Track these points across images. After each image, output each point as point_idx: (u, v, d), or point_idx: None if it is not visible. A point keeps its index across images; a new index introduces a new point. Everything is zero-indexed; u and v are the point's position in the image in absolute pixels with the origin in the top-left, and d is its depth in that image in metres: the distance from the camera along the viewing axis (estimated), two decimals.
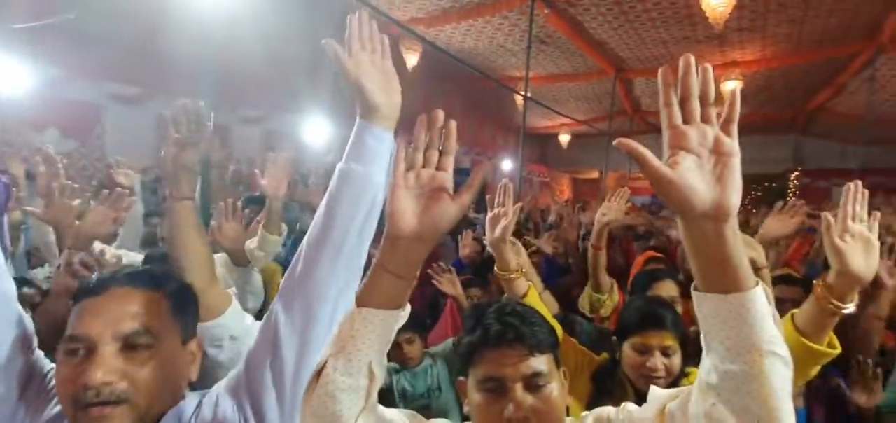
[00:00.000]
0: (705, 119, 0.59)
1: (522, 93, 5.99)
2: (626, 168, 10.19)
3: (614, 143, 0.62)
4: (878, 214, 1.10)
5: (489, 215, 1.51)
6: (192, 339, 0.88)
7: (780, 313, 0.62)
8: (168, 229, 1.09)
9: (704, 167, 0.58)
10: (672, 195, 0.57)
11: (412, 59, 5.84)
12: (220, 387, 0.88)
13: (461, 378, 0.94)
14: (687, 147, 0.58)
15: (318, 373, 0.67)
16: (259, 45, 5.05)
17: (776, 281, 2.00)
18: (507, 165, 11.45)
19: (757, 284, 0.59)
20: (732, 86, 7.20)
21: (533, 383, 0.83)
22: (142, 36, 4.90)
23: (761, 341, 0.57)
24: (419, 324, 2.09)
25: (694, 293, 0.62)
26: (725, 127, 0.59)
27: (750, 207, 11.16)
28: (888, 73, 6.52)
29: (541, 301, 1.56)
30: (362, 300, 0.67)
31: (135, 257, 1.88)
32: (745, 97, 7.96)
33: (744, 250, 0.59)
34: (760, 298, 0.58)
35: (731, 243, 0.57)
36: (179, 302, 0.85)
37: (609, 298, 2.20)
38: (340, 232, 0.87)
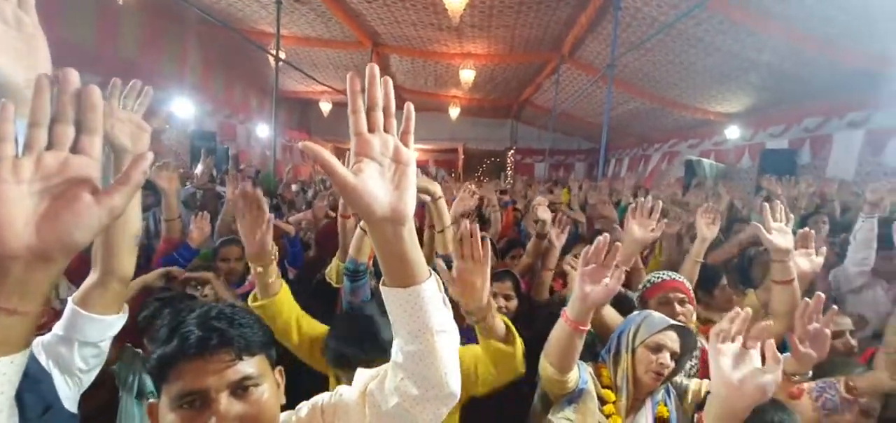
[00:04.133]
0: (387, 129, 0.64)
1: (274, 52, 5.50)
2: None
3: (300, 146, 0.61)
4: None
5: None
6: None
7: None
8: None
9: (385, 175, 0.63)
10: (356, 201, 0.60)
11: None
12: None
13: (152, 402, 0.81)
14: (370, 155, 0.61)
15: None
16: None
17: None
18: (263, 130, 10.51)
19: (430, 275, 0.68)
20: (467, 75, 8.37)
21: (241, 388, 0.77)
22: None
23: (433, 324, 0.67)
24: None
25: (382, 288, 0.68)
26: (404, 138, 0.65)
27: (480, 177, 13.49)
28: (567, 78, 8.72)
29: None
30: None
31: None
32: (477, 85, 9.37)
33: (418, 247, 0.67)
34: (432, 286, 0.68)
35: (407, 243, 0.64)
36: None
37: None
38: None
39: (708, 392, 1.35)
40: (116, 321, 1.00)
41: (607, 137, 5.49)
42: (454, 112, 11.41)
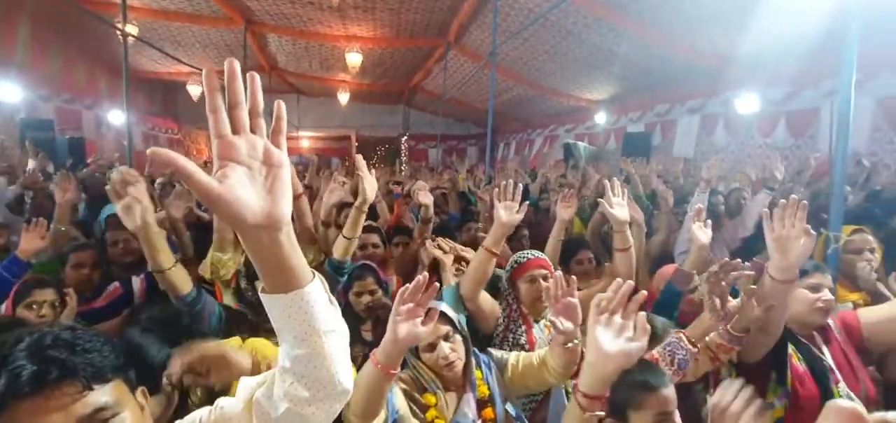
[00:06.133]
0: (255, 129, 0.59)
1: (119, 26, 4.73)
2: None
3: (148, 152, 0.54)
4: None
5: None
6: None
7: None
8: None
9: (256, 179, 0.58)
10: (222, 210, 0.55)
11: None
12: None
13: None
14: (236, 159, 0.57)
15: None
16: None
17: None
18: (117, 117, 9.07)
19: (314, 277, 0.66)
20: (354, 59, 8.09)
21: (95, 421, 0.69)
22: None
23: (319, 325, 0.66)
24: None
25: (261, 295, 0.65)
26: (275, 139, 0.61)
27: (375, 164, 13.25)
28: (455, 64, 8.87)
29: None
30: None
31: None
32: (365, 69, 9.10)
33: (299, 250, 0.64)
34: (316, 288, 0.66)
35: (286, 248, 0.61)
36: None
37: (232, 258, 2.03)
38: None
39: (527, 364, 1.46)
40: None
41: (494, 122, 5.70)
42: (343, 97, 10.99)
